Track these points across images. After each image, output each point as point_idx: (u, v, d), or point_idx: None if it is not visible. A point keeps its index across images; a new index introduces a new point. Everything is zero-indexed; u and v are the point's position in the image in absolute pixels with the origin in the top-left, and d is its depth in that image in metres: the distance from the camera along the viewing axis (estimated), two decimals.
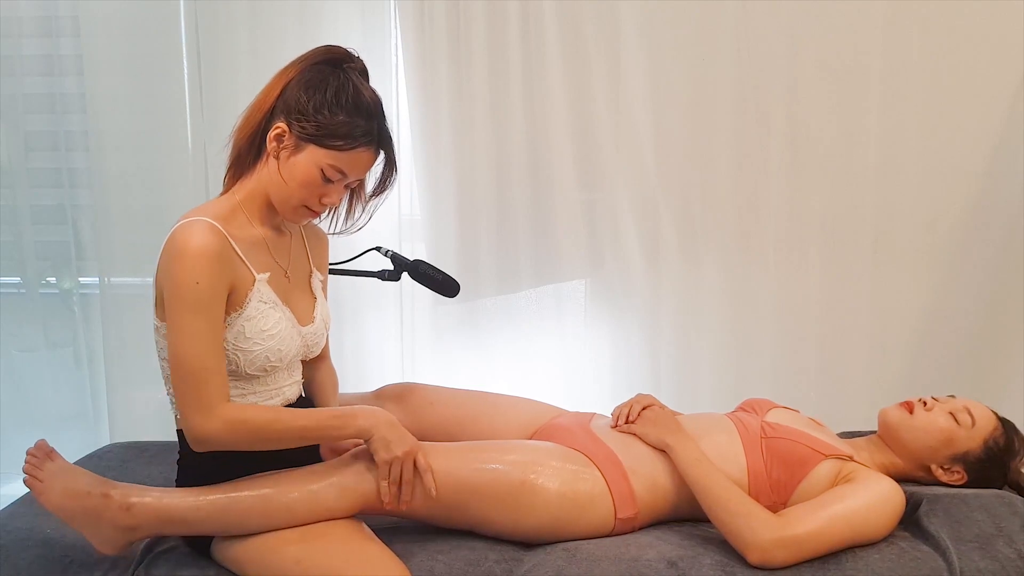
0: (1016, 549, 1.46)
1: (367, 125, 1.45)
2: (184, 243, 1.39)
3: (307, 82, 1.45)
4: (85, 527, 1.46)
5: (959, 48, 2.33)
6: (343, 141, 1.44)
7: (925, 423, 1.67)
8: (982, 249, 2.43)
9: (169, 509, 1.45)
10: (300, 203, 1.49)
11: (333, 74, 1.46)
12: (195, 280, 1.38)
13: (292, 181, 1.46)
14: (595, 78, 2.39)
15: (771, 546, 1.44)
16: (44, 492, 1.46)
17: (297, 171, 1.45)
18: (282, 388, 1.57)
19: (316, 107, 1.43)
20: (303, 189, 1.47)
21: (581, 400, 2.21)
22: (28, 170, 2.65)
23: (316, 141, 1.44)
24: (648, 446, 1.63)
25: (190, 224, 1.42)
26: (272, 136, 1.46)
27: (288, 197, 1.48)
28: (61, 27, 2.56)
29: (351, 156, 1.45)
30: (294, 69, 1.47)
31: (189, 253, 1.38)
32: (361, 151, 1.46)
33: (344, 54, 1.50)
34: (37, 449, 1.49)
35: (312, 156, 1.45)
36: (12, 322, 2.77)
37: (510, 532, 1.54)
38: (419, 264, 1.90)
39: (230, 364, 1.47)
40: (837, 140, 2.40)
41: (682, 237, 2.49)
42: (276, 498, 1.45)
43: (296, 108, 1.44)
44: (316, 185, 1.46)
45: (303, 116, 1.43)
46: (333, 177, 1.46)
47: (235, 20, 2.45)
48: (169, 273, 1.40)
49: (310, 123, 1.43)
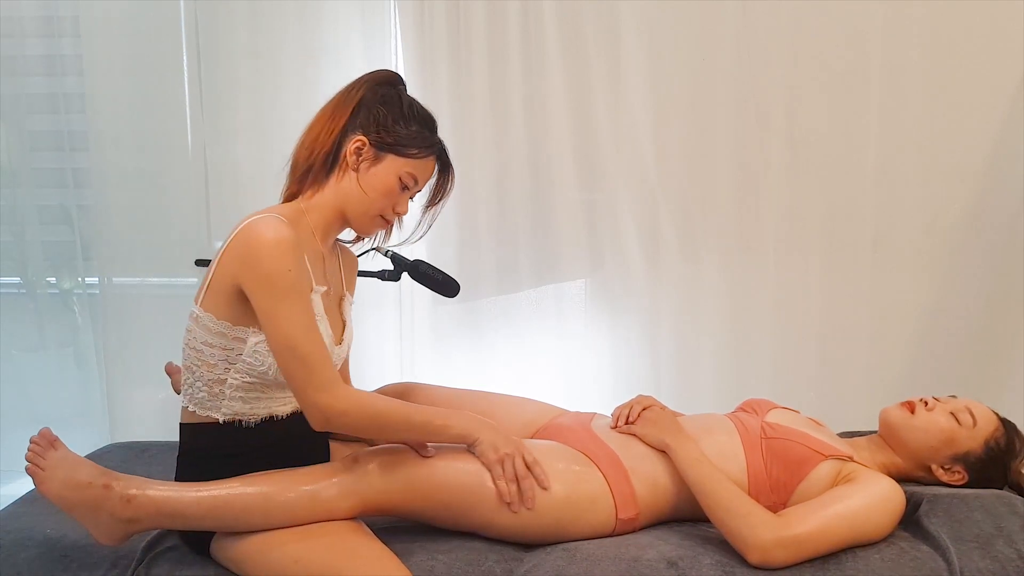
0: (1016, 549, 1.46)
1: (433, 136, 1.56)
2: (265, 235, 1.41)
3: (383, 98, 1.53)
4: (85, 518, 1.46)
5: (959, 48, 2.33)
6: (418, 149, 1.53)
7: (926, 423, 1.67)
8: (982, 249, 2.43)
9: (170, 502, 1.45)
10: (378, 212, 1.55)
11: (399, 92, 1.56)
12: (287, 268, 1.41)
13: (372, 191, 1.53)
14: (595, 78, 2.39)
15: (771, 546, 1.44)
16: (45, 481, 1.45)
17: (377, 180, 1.52)
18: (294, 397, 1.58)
19: (395, 119, 1.52)
20: (383, 198, 1.54)
21: (581, 400, 2.21)
22: (29, 170, 2.66)
23: (395, 151, 1.52)
24: (648, 447, 1.63)
25: (265, 219, 1.43)
26: (352, 149, 1.51)
27: (368, 207, 1.54)
28: (62, 27, 2.56)
29: (424, 164, 1.55)
30: (363, 89, 1.54)
31: (274, 243, 1.40)
32: (431, 159, 1.57)
33: (397, 76, 1.60)
34: (41, 438, 1.48)
35: (391, 165, 1.52)
36: (12, 322, 2.77)
37: (512, 534, 1.54)
38: (419, 264, 1.90)
39: (262, 365, 1.48)
40: (837, 140, 2.40)
41: (682, 237, 2.49)
42: (276, 496, 1.45)
43: (375, 121, 1.51)
44: (394, 194, 1.54)
45: (383, 128, 1.51)
46: (409, 184, 1.55)
47: (235, 20, 2.46)
48: (254, 266, 1.41)
49: (390, 134, 1.51)
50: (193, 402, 1.52)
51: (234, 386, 1.49)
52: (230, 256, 1.44)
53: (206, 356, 1.48)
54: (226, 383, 1.49)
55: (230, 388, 1.49)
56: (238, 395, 1.50)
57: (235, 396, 1.50)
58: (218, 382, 1.49)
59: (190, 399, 1.52)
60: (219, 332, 1.47)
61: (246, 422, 1.51)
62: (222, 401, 1.50)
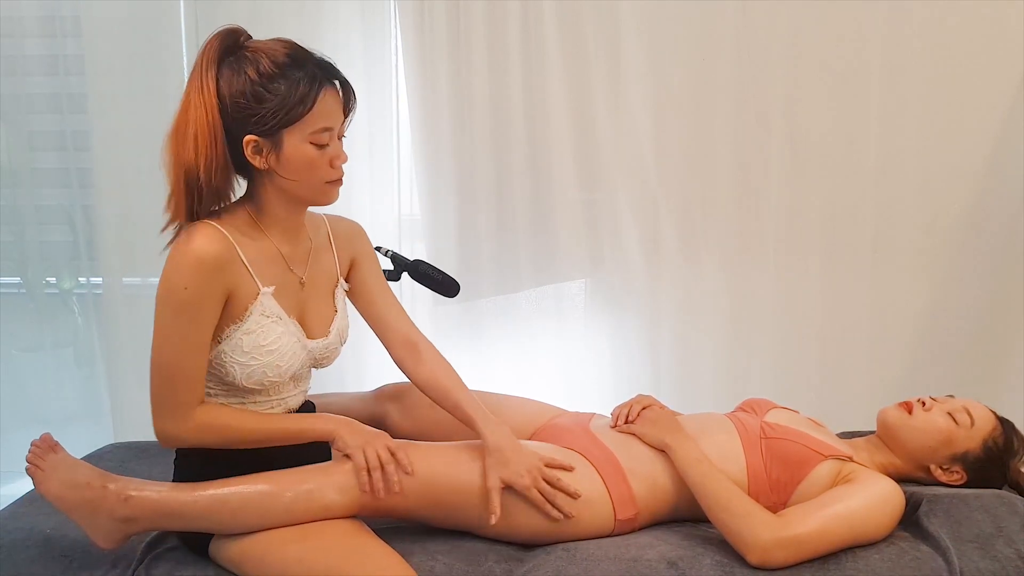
0: (1016, 549, 1.46)
1: (304, 72, 1.38)
2: (184, 246, 1.38)
3: (229, 86, 1.37)
4: (83, 518, 1.46)
5: (959, 48, 2.33)
6: (301, 103, 1.37)
7: (924, 423, 1.67)
8: (982, 249, 2.43)
9: (167, 502, 1.45)
10: (320, 182, 1.44)
11: (238, 59, 1.39)
12: (183, 285, 1.37)
13: (299, 173, 1.42)
14: (595, 78, 2.39)
15: (771, 546, 1.44)
16: (44, 481, 1.47)
17: (295, 161, 1.40)
18: (285, 399, 1.57)
19: (256, 97, 1.36)
20: (312, 170, 1.42)
21: (581, 400, 2.21)
22: (29, 170, 2.66)
23: (283, 124, 1.37)
24: (648, 446, 1.63)
25: (196, 227, 1.41)
26: (251, 154, 1.39)
27: (310, 187, 1.44)
28: (62, 27, 2.56)
29: (319, 108, 1.39)
30: (208, 86, 1.37)
31: (185, 257, 1.37)
32: (322, 98, 1.39)
33: (227, 37, 1.42)
34: (42, 441, 1.51)
35: (293, 139, 1.39)
36: (12, 322, 2.77)
37: (507, 534, 1.54)
38: (419, 264, 1.90)
39: (228, 376, 1.47)
40: (837, 140, 2.40)
41: (682, 237, 2.49)
42: (274, 496, 1.45)
43: (244, 115, 1.37)
44: (317, 158, 1.41)
45: (255, 115, 1.37)
46: (324, 140, 1.41)
47: (235, 20, 2.41)
48: (163, 272, 1.40)
49: (266, 115, 1.36)
50: None
51: (216, 395, 1.50)
52: None
53: None
54: (209, 393, 1.49)
55: (214, 397, 1.50)
56: (221, 402, 1.51)
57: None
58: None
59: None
60: None
61: None
62: None
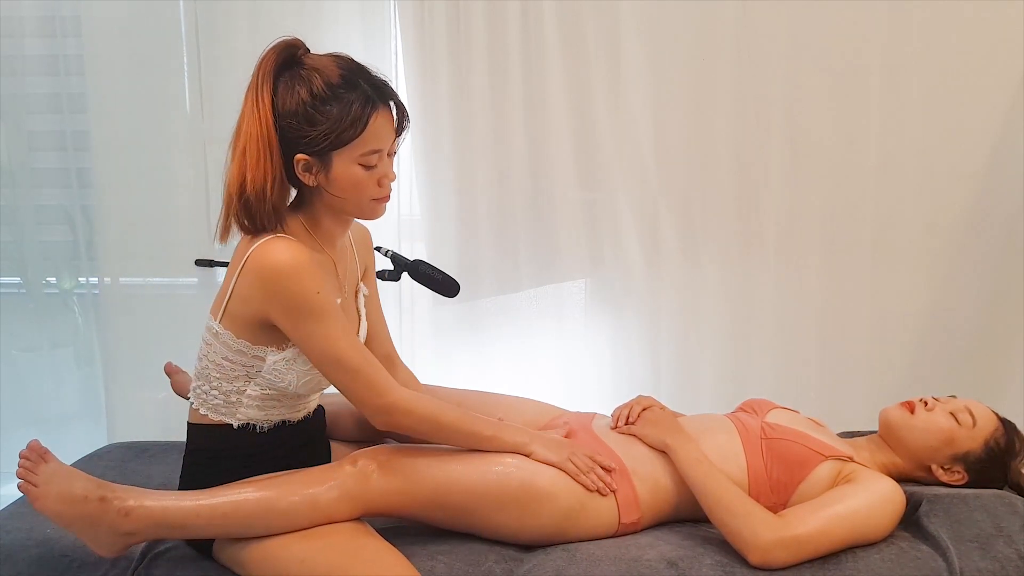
0: (1016, 549, 1.46)
1: (357, 94, 1.38)
2: (288, 259, 1.38)
3: (283, 104, 1.38)
4: (83, 532, 1.43)
5: (959, 48, 2.33)
6: (352, 127, 1.38)
7: (926, 423, 1.67)
8: (982, 249, 2.43)
9: (168, 514, 1.43)
10: (368, 200, 1.46)
11: (293, 77, 1.39)
12: (316, 290, 1.39)
13: (346, 192, 1.44)
14: (595, 78, 2.39)
15: (771, 546, 1.44)
16: (40, 498, 1.41)
17: (343, 181, 1.42)
18: (308, 403, 1.59)
19: (309, 120, 1.37)
20: (360, 190, 1.44)
21: (581, 400, 2.21)
22: (29, 170, 2.66)
23: (334, 147, 1.39)
24: (648, 447, 1.63)
25: (279, 241, 1.40)
26: (301, 171, 1.42)
27: (357, 204, 1.46)
28: (62, 27, 2.56)
29: (370, 132, 1.40)
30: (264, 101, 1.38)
31: (300, 267, 1.38)
32: (374, 121, 1.40)
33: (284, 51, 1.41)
34: (30, 451, 1.43)
35: (342, 160, 1.41)
36: (12, 322, 2.77)
37: (513, 536, 1.54)
38: (419, 264, 1.90)
39: (282, 381, 1.47)
40: (837, 140, 2.40)
41: (682, 237, 2.49)
42: (277, 502, 1.44)
43: (296, 134, 1.39)
44: (365, 179, 1.43)
45: (306, 136, 1.38)
46: (372, 162, 1.42)
47: (235, 21, 2.46)
48: (281, 295, 1.38)
49: (317, 137, 1.38)
50: (206, 407, 1.51)
51: (252, 396, 1.50)
52: (249, 283, 1.41)
53: (226, 370, 1.48)
54: (244, 393, 1.49)
55: (248, 398, 1.50)
56: (255, 404, 1.50)
57: (251, 405, 1.50)
58: (236, 392, 1.49)
59: (203, 404, 1.52)
60: (238, 350, 1.46)
61: (260, 427, 1.52)
62: (238, 409, 1.50)
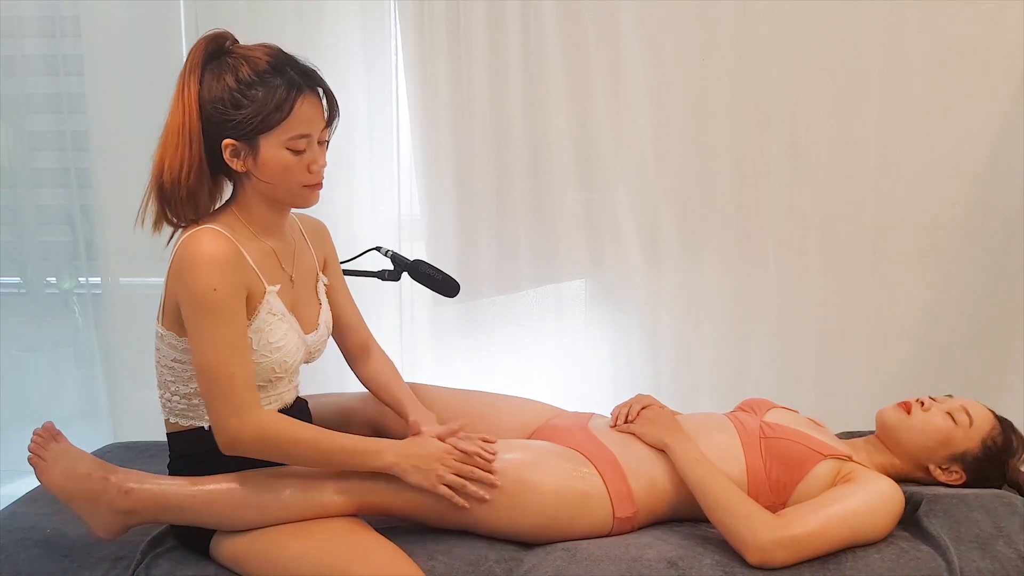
0: (1016, 549, 1.46)
1: (283, 79, 1.40)
2: (197, 251, 1.38)
3: (209, 90, 1.40)
4: (83, 509, 1.48)
5: (959, 48, 2.33)
6: (278, 110, 1.39)
7: (923, 423, 1.67)
8: (982, 249, 2.43)
9: (167, 495, 1.46)
10: (298, 186, 1.45)
11: (220, 65, 1.41)
12: (212, 287, 1.37)
13: (275, 177, 1.43)
14: (595, 78, 2.39)
15: (771, 546, 1.44)
16: (46, 471, 1.48)
17: (272, 166, 1.42)
18: (281, 394, 1.58)
19: (234, 104, 1.39)
20: (289, 175, 1.43)
21: (581, 400, 2.21)
22: (29, 170, 2.66)
23: (260, 130, 1.39)
24: (647, 446, 1.63)
25: (200, 232, 1.41)
26: (229, 156, 1.42)
27: (287, 190, 1.46)
28: (62, 27, 2.56)
29: (296, 116, 1.40)
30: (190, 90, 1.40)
31: (203, 260, 1.37)
32: (300, 104, 1.40)
33: (212, 41, 1.44)
34: (44, 430, 1.51)
35: (270, 144, 1.40)
36: (13, 322, 2.77)
37: (506, 531, 1.54)
38: (419, 264, 1.90)
39: None
40: (837, 140, 2.40)
41: (682, 237, 2.49)
42: (272, 492, 1.46)
43: (222, 119, 1.39)
44: (294, 163, 1.42)
45: (231, 120, 1.39)
46: (300, 147, 1.42)
47: (235, 21, 2.45)
48: (184, 283, 1.39)
49: (243, 120, 1.39)
50: (173, 414, 1.52)
51: None
52: (170, 273, 1.43)
53: (177, 372, 1.49)
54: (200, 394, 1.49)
55: None
56: None
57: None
58: (194, 394, 1.50)
59: (170, 412, 1.53)
60: (184, 349, 1.47)
61: None
62: (201, 410, 1.50)
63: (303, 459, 1.47)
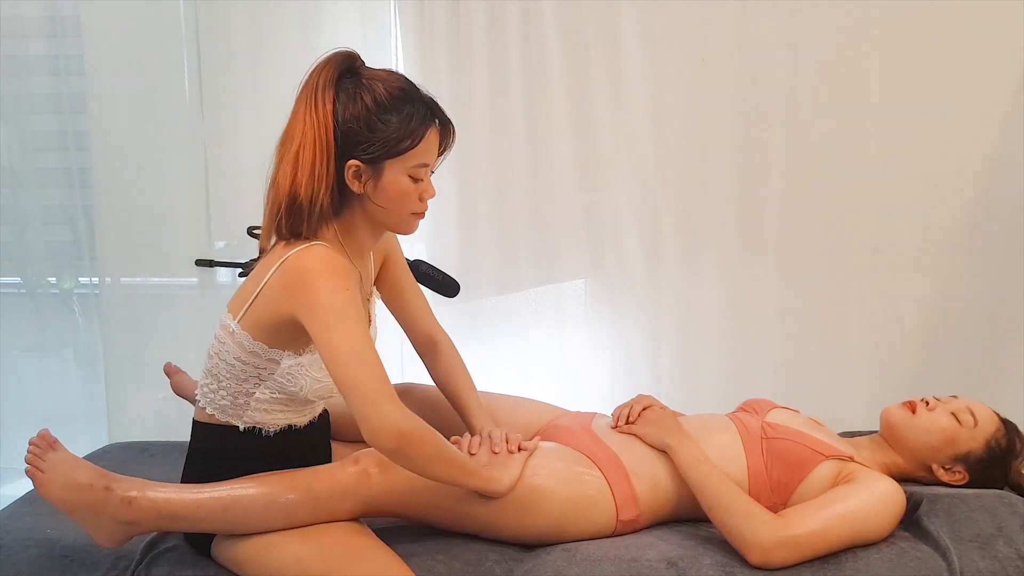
0: (1016, 549, 1.46)
1: (414, 108, 1.42)
2: (319, 263, 1.38)
3: (345, 109, 1.40)
4: (85, 520, 1.45)
5: (959, 48, 2.33)
6: (409, 139, 1.41)
7: (927, 423, 1.67)
8: (982, 250, 2.43)
9: (170, 505, 1.44)
10: (407, 213, 1.48)
11: (356, 85, 1.41)
12: (344, 287, 1.37)
13: (391, 202, 1.45)
14: (595, 79, 2.39)
15: (771, 546, 1.44)
16: (45, 484, 1.44)
17: (391, 191, 1.44)
18: (315, 408, 1.59)
19: (369, 126, 1.40)
20: (404, 202, 1.45)
21: (581, 400, 2.21)
22: (29, 170, 2.66)
23: (388, 155, 1.41)
24: (648, 447, 1.63)
25: (310, 249, 1.40)
26: (351, 178, 1.42)
27: (398, 216, 1.47)
28: (62, 27, 2.56)
29: (423, 146, 1.44)
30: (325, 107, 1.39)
31: (327, 269, 1.37)
32: (427, 136, 1.44)
33: (344, 60, 1.43)
34: (40, 439, 1.47)
35: (394, 170, 1.43)
36: (12, 322, 2.77)
37: (514, 535, 1.54)
38: (419, 264, 1.90)
39: (294, 386, 1.47)
40: (837, 141, 2.40)
41: (682, 237, 2.49)
42: (277, 498, 1.45)
43: (353, 140, 1.40)
44: (411, 191, 1.45)
45: (365, 142, 1.40)
46: (421, 176, 1.45)
47: (235, 21, 2.46)
48: (309, 295, 1.37)
49: (375, 143, 1.40)
50: (213, 407, 1.51)
51: (261, 400, 1.49)
52: (282, 286, 1.40)
53: (236, 371, 1.47)
54: (253, 396, 1.49)
55: (256, 401, 1.49)
56: (262, 407, 1.50)
57: (259, 408, 1.50)
58: (244, 394, 1.49)
59: (210, 403, 1.51)
60: (253, 352, 1.46)
61: (265, 431, 1.51)
62: (245, 411, 1.50)
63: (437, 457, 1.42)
